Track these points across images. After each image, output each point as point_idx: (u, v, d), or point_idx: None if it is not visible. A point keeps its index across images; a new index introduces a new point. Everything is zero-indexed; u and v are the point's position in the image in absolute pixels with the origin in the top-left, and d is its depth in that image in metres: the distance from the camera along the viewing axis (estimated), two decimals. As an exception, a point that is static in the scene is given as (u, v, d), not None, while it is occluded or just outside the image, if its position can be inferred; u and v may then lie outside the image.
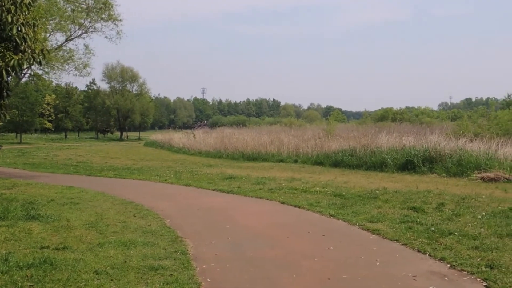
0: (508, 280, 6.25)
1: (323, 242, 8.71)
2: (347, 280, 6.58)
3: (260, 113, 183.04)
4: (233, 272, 7.02)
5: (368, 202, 12.33)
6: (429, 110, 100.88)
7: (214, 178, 18.34)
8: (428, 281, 6.44)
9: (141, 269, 6.87)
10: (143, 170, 22.48)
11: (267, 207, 12.43)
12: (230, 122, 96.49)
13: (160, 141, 50.96)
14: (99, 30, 28.23)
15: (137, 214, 11.26)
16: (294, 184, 16.02)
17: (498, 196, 12.80)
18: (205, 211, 11.89)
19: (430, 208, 11.28)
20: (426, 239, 8.43)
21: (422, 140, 22.34)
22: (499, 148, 19.66)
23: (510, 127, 25.70)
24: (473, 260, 7.13)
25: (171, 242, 8.61)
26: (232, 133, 39.79)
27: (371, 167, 21.00)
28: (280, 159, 27.23)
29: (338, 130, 36.53)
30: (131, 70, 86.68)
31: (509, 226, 9.19)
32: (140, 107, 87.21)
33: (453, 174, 17.87)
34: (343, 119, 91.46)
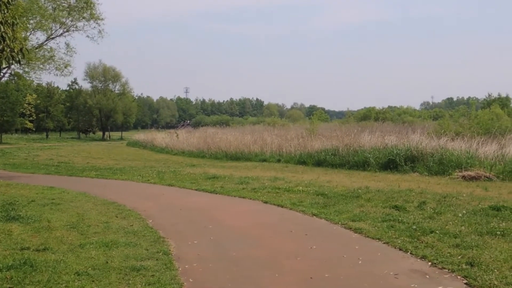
0: (488, 277, 6.31)
1: (306, 241, 8.73)
2: (329, 279, 6.60)
3: (243, 113, 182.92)
4: (216, 272, 7.00)
5: (350, 201, 12.37)
6: (411, 110, 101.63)
7: (197, 178, 18.29)
8: (409, 279, 6.49)
9: (122, 270, 6.83)
10: (125, 170, 22.36)
11: (250, 206, 12.42)
12: (213, 121, 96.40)
13: (142, 141, 50.73)
14: (80, 29, 28.07)
15: (119, 214, 11.19)
16: (277, 183, 16.03)
17: (478, 195, 12.92)
18: (188, 211, 11.85)
19: (411, 206, 11.35)
20: (407, 238, 8.48)
21: (404, 139, 22.47)
22: (479, 147, 19.83)
23: (490, 126, 25.96)
24: (454, 258, 7.19)
25: (153, 242, 8.57)
26: (215, 133, 39.75)
27: (353, 166, 21.09)
28: (263, 158, 27.23)
29: (321, 129, 36.63)
30: (114, 70, 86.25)
31: (489, 224, 9.28)
32: (123, 107, 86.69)
33: (435, 172, 18.01)
34: (326, 119, 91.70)
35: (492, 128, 24.46)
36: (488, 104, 48.63)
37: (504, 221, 9.48)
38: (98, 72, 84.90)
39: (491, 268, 6.66)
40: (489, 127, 25.52)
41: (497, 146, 19.68)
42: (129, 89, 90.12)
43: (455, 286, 6.19)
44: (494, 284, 6.08)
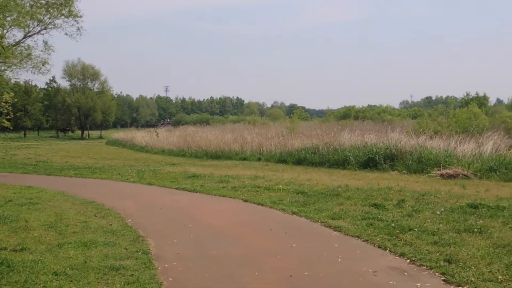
0: (466, 274, 6.38)
1: (286, 239, 8.75)
2: (309, 277, 6.62)
3: (223, 111, 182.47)
4: (195, 270, 6.99)
5: (330, 199, 12.42)
6: (391, 108, 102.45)
7: (177, 177, 18.23)
8: (388, 277, 6.53)
9: (101, 270, 6.79)
10: (104, 169, 22.20)
11: (230, 205, 12.41)
12: (193, 120, 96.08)
13: (122, 139, 50.40)
14: (59, 27, 27.70)
15: (98, 213, 11.11)
16: (257, 182, 16.04)
17: (456, 192, 13.05)
18: (168, 210, 11.82)
19: (390, 204, 11.43)
20: (386, 235, 8.55)
21: (383, 138, 22.62)
22: (457, 146, 20.04)
23: (468, 125, 26.22)
24: (432, 255, 7.26)
25: (133, 241, 8.53)
26: (196, 132, 39.62)
27: (333, 165, 21.17)
28: (243, 157, 27.23)
29: (301, 128, 36.70)
30: (93, 68, 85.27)
31: (466, 221, 9.38)
32: (102, 105, 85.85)
33: (414, 171, 18.16)
34: (306, 117, 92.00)
35: (470, 126, 24.72)
36: (466, 103, 49.22)
37: (481, 219, 9.59)
38: (77, 70, 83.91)
39: (468, 265, 6.73)
40: (467, 126, 25.78)
41: (475, 144, 19.91)
42: (108, 87, 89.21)
43: (433, 283, 6.25)
44: (471, 280, 6.15)
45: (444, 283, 6.24)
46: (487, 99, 60.73)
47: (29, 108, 77.30)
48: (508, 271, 6.44)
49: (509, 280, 6.15)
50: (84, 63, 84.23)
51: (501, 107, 67.05)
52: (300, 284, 6.36)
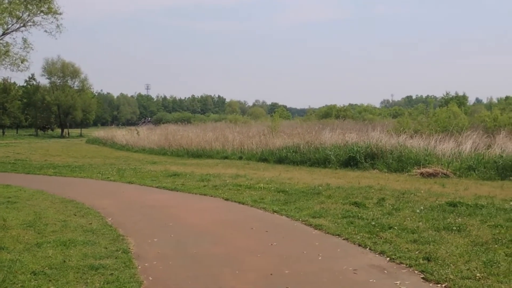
0: (444, 271, 6.44)
1: (267, 238, 8.75)
2: (289, 275, 6.64)
3: (205, 110, 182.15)
4: (176, 269, 6.97)
5: (311, 198, 12.46)
6: (372, 107, 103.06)
7: (158, 175, 18.15)
8: (368, 275, 6.57)
9: (81, 269, 6.73)
10: (84, 168, 22.03)
11: (211, 204, 12.39)
12: (174, 118, 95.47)
13: (102, 138, 50.05)
14: (38, 24, 27.45)
15: (78, 212, 11.03)
16: (238, 180, 16.03)
17: (436, 191, 13.18)
18: (148, 209, 11.76)
19: (371, 203, 11.50)
20: (366, 234, 8.59)
21: (364, 137, 22.76)
22: (437, 145, 20.23)
23: (448, 124, 26.49)
24: (411, 253, 7.32)
25: (113, 240, 8.48)
26: (177, 130, 39.48)
27: (314, 164, 21.24)
28: (225, 156, 27.20)
29: (282, 126, 36.78)
30: (73, 66, 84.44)
31: (446, 219, 9.47)
32: (82, 104, 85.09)
33: (394, 169, 18.29)
34: (288, 116, 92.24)
35: (450, 126, 24.97)
36: (446, 102, 49.73)
37: (460, 217, 9.69)
38: (57, 67, 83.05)
39: (447, 263, 6.80)
40: (446, 125, 26.03)
41: (454, 143, 20.13)
42: (88, 85, 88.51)
43: (412, 281, 6.30)
44: (450, 278, 6.21)
45: (423, 281, 6.29)
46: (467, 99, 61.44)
47: (7, 106, 76.42)
48: (486, 269, 6.51)
49: (487, 277, 6.22)
50: (64, 61, 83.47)
51: (480, 107, 67.90)
52: (281, 283, 6.36)
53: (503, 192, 12.99)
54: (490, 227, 8.82)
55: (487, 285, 5.97)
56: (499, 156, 17.14)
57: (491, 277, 6.22)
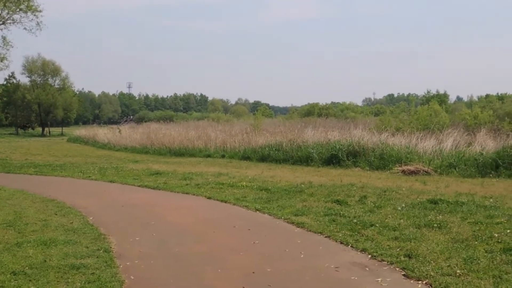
0: (425, 268, 6.49)
1: (249, 236, 8.75)
2: (271, 273, 6.64)
3: (187, 108, 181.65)
4: (158, 268, 6.94)
5: (293, 196, 12.48)
6: (354, 106, 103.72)
7: (140, 174, 18.06)
8: (349, 272, 6.60)
9: (61, 269, 6.67)
10: (65, 167, 21.83)
11: (194, 202, 12.36)
12: (157, 117, 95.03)
13: (84, 136, 49.64)
14: (18, 22, 27.17)
15: (59, 212, 10.92)
16: (221, 179, 16.01)
17: (417, 188, 13.28)
18: (130, 208, 11.70)
19: (353, 201, 11.55)
20: (348, 231, 8.63)
21: (346, 135, 22.83)
22: (419, 142, 20.36)
23: (429, 122, 26.70)
24: (393, 250, 7.37)
25: (94, 239, 8.42)
26: (159, 128, 39.27)
27: (297, 162, 21.28)
28: (207, 154, 27.14)
29: (265, 125, 36.78)
30: (53, 64, 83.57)
31: (426, 217, 9.55)
32: (63, 102, 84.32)
33: (376, 167, 18.38)
34: (270, 114, 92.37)
35: (431, 123, 25.18)
36: (427, 100, 50.02)
37: (441, 214, 9.78)
38: (37, 66, 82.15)
39: (428, 260, 6.85)
40: (427, 123, 26.24)
41: (435, 141, 20.28)
42: (69, 83, 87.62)
43: (393, 278, 6.34)
44: (430, 275, 6.25)
45: (404, 278, 6.34)
46: (447, 97, 61.96)
47: (-13, 104, 75.48)
48: (466, 265, 6.57)
49: (467, 274, 6.28)
50: (44, 59, 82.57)
51: (461, 105, 68.54)
52: (263, 281, 6.37)
53: (483, 189, 13.13)
54: (470, 224, 8.91)
55: (467, 281, 6.02)
56: (479, 154, 17.31)
57: (471, 274, 6.28)
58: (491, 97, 69.78)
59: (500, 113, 31.70)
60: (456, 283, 5.94)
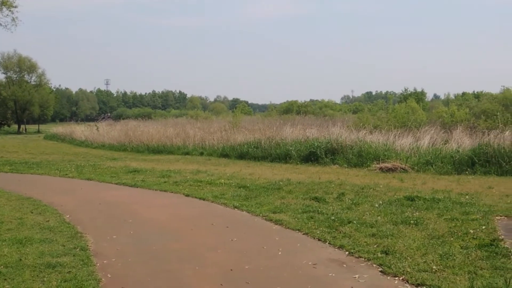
0: (402, 264, 6.54)
1: (227, 233, 8.74)
2: (249, 270, 6.65)
3: (166, 106, 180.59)
4: (135, 266, 6.90)
5: (272, 193, 12.50)
6: (332, 103, 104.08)
7: (117, 172, 17.93)
8: (327, 269, 6.63)
9: (37, 267, 6.60)
10: (42, 164, 21.58)
11: (172, 200, 12.31)
12: (135, 114, 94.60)
13: (61, 134, 49.16)
14: (-8, 17, 26.72)
15: (35, 210, 10.80)
16: (199, 176, 15.97)
17: (394, 186, 13.39)
18: (107, 206, 11.61)
19: (331, 198, 11.60)
20: (326, 228, 8.67)
21: (325, 132, 22.93)
22: (396, 140, 20.53)
23: (406, 119, 26.93)
24: (370, 247, 7.41)
25: (70, 238, 8.33)
26: (137, 126, 39.09)
27: (276, 159, 21.32)
28: (186, 151, 27.06)
29: (244, 122, 36.80)
30: (29, 60, 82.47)
31: (403, 213, 9.63)
32: (40, 99, 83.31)
33: (354, 164, 18.49)
34: (249, 112, 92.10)
35: (408, 121, 25.39)
36: (405, 98, 50.39)
37: (418, 211, 9.88)
38: (13, 62, 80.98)
39: (404, 256, 6.91)
40: (405, 121, 26.47)
41: (413, 138, 20.47)
42: (46, 80, 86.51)
43: (370, 274, 6.38)
44: (407, 271, 6.31)
45: (381, 274, 6.38)
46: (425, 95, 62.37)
47: (-39, 101, 74.28)
48: (442, 261, 6.65)
49: (443, 270, 6.34)
50: (20, 55, 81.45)
51: (438, 102, 69.34)
52: (241, 278, 6.36)
53: (459, 186, 13.29)
54: (446, 221, 9.01)
55: (442, 277, 6.08)
56: (455, 151, 17.51)
57: (447, 270, 6.35)
58: (468, 95, 70.51)
59: (476, 111, 32.07)
60: (432, 279, 6.00)
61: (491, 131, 18.86)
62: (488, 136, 17.80)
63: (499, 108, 28.69)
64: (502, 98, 32.62)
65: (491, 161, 16.05)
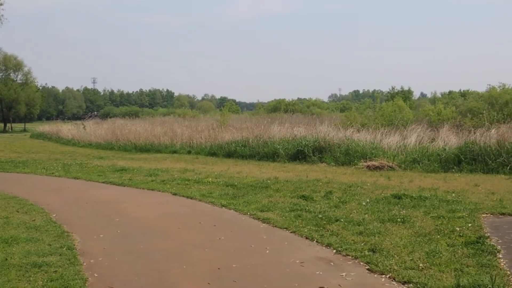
0: (389, 262, 6.57)
1: (214, 232, 8.73)
2: (237, 269, 6.64)
3: (153, 104, 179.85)
4: (122, 265, 6.87)
5: (259, 191, 12.50)
6: (320, 102, 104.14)
7: (104, 171, 17.84)
8: (314, 267, 6.64)
9: (23, 267, 6.55)
10: (28, 163, 21.43)
11: (159, 198, 12.26)
12: (122, 113, 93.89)
13: (47, 132, 48.81)
14: (-23, 15, 26.46)
15: (21, 209, 10.72)
16: (187, 175, 15.94)
17: (381, 184, 13.44)
18: (94, 204, 11.54)
19: (318, 196, 11.62)
20: (314, 226, 8.68)
21: (312, 131, 22.96)
22: (383, 138, 20.63)
23: (393, 118, 27.01)
24: (357, 245, 7.44)
25: (57, 237, 8.29)
26: (124, 124, 38.91)
27: (263, 157, 21.33)
28: (173, 150, 27.00)
29: (232, 121, 36.70)
30: (15, 58, 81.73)
31: (390, 211, 9.68)
32: (26, 97, 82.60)
33: (341, 163, 18.55)
34: (237, 110, 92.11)
35: (395, 120, 25.48)
36: (392, 96, 50.51)
37: (405, 209, 9.92)
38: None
39: (391, 254, 6.94)
40: (392, 119, 26.55)
41: (400, 137, 20.58)
42: (32, 78, 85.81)
43: (357, 272, 6.40)
44: (394, 269, 6.33)
45: (368, 272, 6.41)
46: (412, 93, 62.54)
47: None
48: (429, 259, 6.68)
49: (429, 267, 6.38)
50: (5, 53, 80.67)
51: (425, 101, 69.68)
52: (228, 276, 6.36)
53: (446, 184, 13.36)
54: (433, 218, 9.06)
55: (429, 274, 6.12)
56: (442, 149, 17.61)
57: (434, 267, 6.39)
58: (454, 94, 70.90)
59: (463, 109, 32.19)
60: (418, 277, 6.03)
61: (477, 129, 19.02)
62: (474, 134, 17.96)
63: (485, 106, 28.84)
64: (488, 96, 32.73)
65: (477, 159, 16.17)
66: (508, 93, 31.48)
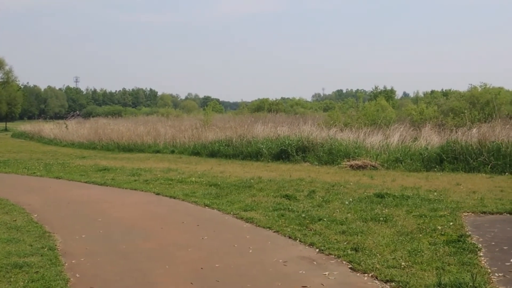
0: (371, 261, 6.61)
1: (197, 232, 8.71)
2: (219, 269, 6.63)
3: (136, 103, 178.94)
4: (104, 266, 6.83)
5: (243, 191, 12.50)
6: (303, 101, 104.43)
7: (87, 170, 17.72)
8: (297, 266, 6.66)
9: (4, 268, 6.49)
10: (9, 163, 21.21)
11: (142, 198, 12.21)
12: (105, 112, 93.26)
13: (29, 132, 48.34)
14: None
15: (1, 209, 10.61)
16: (170, 174, 15.89)
17: (364, 183, 13.51)
18: (76, 204, 11.46)
19: (302, 195, 11.65)
20: (297, 226, 8.70)
21: (296, 130, 22.99)
22: (366, 137, 20.71)
23: (376, 117, 27.12)
24: (340, 244, 7.47)
25: (38, 237, 8.22)
26: (107, 124, 38.63)
27: (247, 157, 21.32)
28: (156, 149, 26.89)
29: (215, 120, 36.68)
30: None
31: (373, 210, 9.73)
32: (7, 96, 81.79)
33: (325, 162, 18.59)
34: (220, 110, 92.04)
35: (378, 119, 25.57)
36: (375, 96, 50.82)
37: (387, 208, 9.98)
38: (-21, 59, 79.61)
39: (374, 253, 6.98)
40: (375, 118, 26.65)
41: (382, 136, 20.67)
42: (13, 77, 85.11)
43: (340, 271, 6.43)
44: (376, 267, 6.37)
45: (351, 271, 6.44)
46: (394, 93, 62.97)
47: None
48: (411, 258, 6.73)
49: (411, 266, 6.43)
50: (-14, 52, 79.93)
51: (407, 100, 70.02)
52: (211, 276, 6.35)
53: (428, 183, 13.47)
54: (415, 217, 9.12)
55: (411, 273, 6.16)
56: (424, 148, 17.72)
57: (415, 266, 6.43)
58: (436, 93, 71.58)
59: (445, 108, 32.46)
60: (400, 275, 6.07)
61: (459, 128, 19.18)
62: (456, 133, 18.11)
63: (466, 106, 29.02)
64: (469, 96, 33.02)
65: (459, 158, 16.30)
66: (489, 93, 31.80)
